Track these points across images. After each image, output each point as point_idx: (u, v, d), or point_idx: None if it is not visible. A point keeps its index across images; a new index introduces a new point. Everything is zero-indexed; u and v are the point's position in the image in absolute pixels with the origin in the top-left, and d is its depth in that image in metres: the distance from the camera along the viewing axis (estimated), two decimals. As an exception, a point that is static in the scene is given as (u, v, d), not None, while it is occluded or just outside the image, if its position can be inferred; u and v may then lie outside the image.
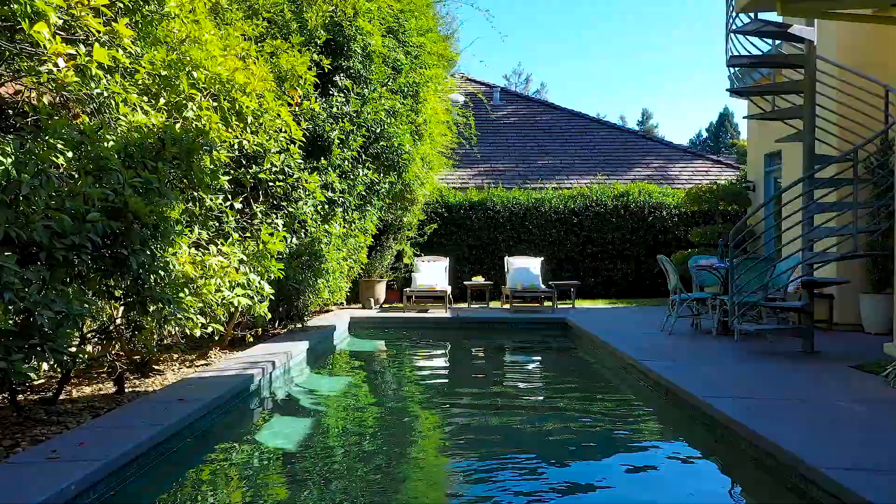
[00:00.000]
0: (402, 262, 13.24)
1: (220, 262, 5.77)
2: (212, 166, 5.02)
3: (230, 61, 5.28)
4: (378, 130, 9.45)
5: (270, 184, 7.29)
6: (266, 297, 6.54)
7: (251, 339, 7.01)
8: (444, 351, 8.83)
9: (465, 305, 12.50)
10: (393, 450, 4.27)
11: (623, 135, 18.77)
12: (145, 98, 4.68)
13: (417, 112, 10.84)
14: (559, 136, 18.59)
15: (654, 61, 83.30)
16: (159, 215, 4.17)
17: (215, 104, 5.17)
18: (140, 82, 4.68)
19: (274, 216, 7.21)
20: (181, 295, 5.22)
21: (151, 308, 4.43)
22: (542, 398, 5.73)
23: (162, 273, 4.49)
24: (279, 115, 6.49)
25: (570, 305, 12.12)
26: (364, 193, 9.83)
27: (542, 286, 11.63)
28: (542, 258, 12.65)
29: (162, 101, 4.58)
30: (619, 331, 8.10)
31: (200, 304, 5.89)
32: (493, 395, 5.86)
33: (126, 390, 5.19)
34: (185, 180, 4.76)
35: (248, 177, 7.09)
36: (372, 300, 12.02)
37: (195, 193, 5.00)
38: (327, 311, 11.42)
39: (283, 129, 6.46)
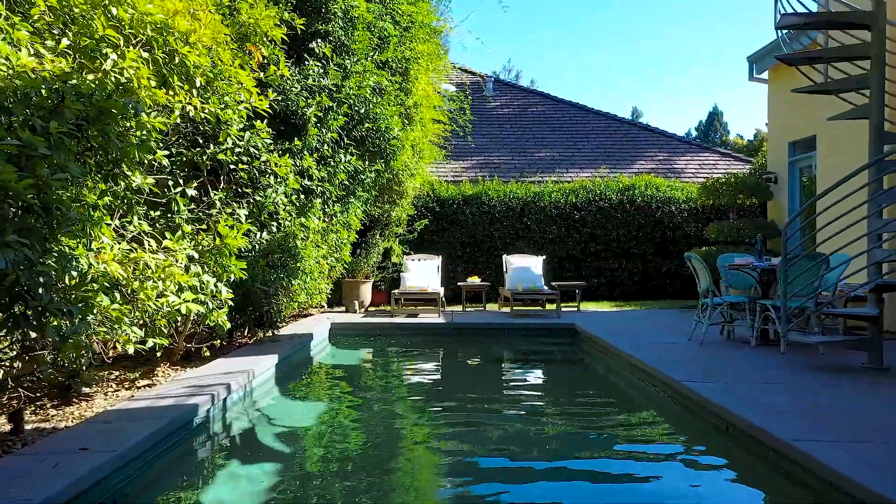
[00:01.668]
0: (389, 260, 12.08)
1: (158, 261, 4.60)
2: (141, 134, 3.84)
3: (168, 2, 4.10)
4: (363, 111, 8.28)
5: (232, 167, 6.11)
6: (224, 302, 5.38)
7: (207, 353, 5.83)
8: (439, 364, 7.67)
9: (459, 308, 11.36)
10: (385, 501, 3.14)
11: (624, 126, 17.73)
12: (47, 42, 3.50)
13: (407, 93, 9.68)
14: (557, 128, 17.53)
15: (644, 59, 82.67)
16: (52, 195, 2.99)
17: (147, 56, 3.99)
18: (38, 18, 3.49)
19: (236, 206, 6.03)
20: (104, 303, 4.06)
21: (49, 322, 3.24)
22: (565, 435, 4.58)
23: (60, 274, 3.31)
24: (241, 83, 5.32)
25: (575, 308, 11.02)
26: (347, 183, 8.67)
27: (546, 288, 10.52)
28: (544, 257, 11.55)
29: (65, 42, 3.39)
30: (638, 338, 7.01)
31: (138, 314, 4.74)
32: (504, 432, 4.73)
33: (32, 426, 4.01)
34: (101, 151, 3.57)
35: (205, 158, 5.91)
36: (356, 303, 10.84)
37: (119, 170, 3.81)
38: (306, 316, 10.24)
39: (246, 99, 5.28)
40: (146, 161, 4.28)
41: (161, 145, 4.95)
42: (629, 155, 16.23)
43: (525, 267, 10.79)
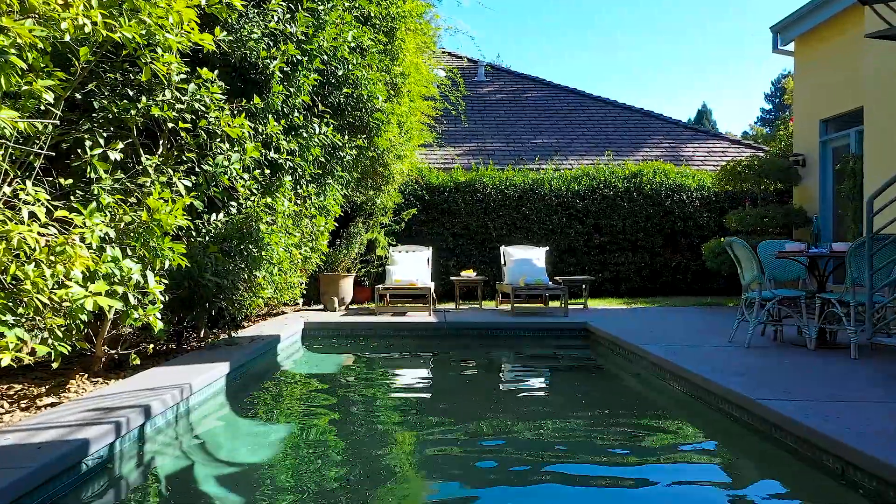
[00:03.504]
0: (374, 253, 10.86)
1: (49, 238, 3.36)
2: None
3: None
4: (340, 73, 7.04)
5: (171, 125, 4.85)
6: (153, 296, 4.14)
7: (137, 361, 4.57)
8: (432, 373, 6.42)
9: (452, 306, 10.16)
10: None
11: (625, 112, 16.62)
12: None
13: (394, 58, 8.44)
14: (554, 114, 16.39)
15: (632, 58, 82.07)
16: None
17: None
18: None
19: (176, 175, 4.78)
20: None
21: None
22: (613, 489, 3.36)
23: None
24: (179, 13, 4.07)
25: (582, 306, 9.85)
26: (323, 160, 7.43)
27: (550, 282, 9.34)
28: (547, 248, 10.38)
29: None
30: (667, 341, 5.85)
31: (22, 310, 3.50)
32: (524, 473, 3.53)
33: None
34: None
35: (135, 113, 4.66)
36: (336, 300, 9.60)
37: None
38: (278, 314, 8.99)
39: (175, 22, 4.02)
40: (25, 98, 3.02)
41: (60, 83, 3.70)
42: (631, 142, 15.12)
43: (526, 259, 9.60)
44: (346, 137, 7.63)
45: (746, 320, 5.81)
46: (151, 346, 4.60)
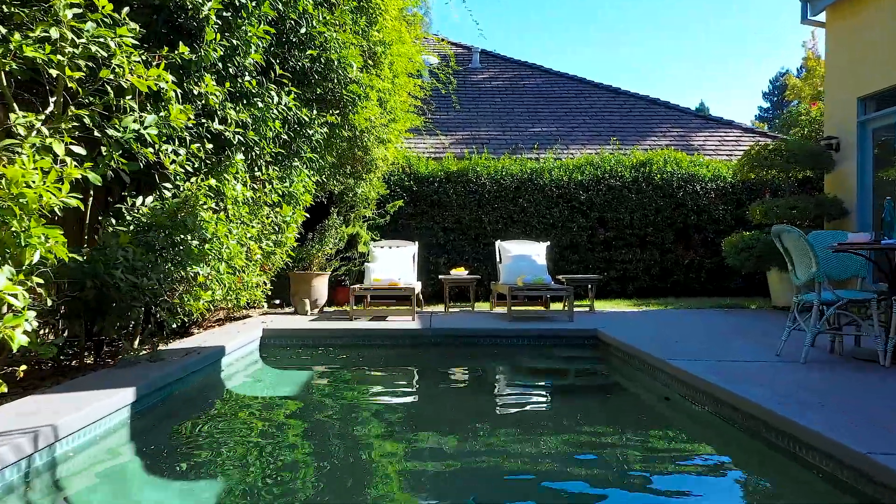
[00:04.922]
0: (356, 250, 9.70)
1: None
2: None
3: None
4: (303, 31, 5.89)
5: (55, 72, 3.67)
6: (8, 302, 2.97)
7: (3, 388, 3.40)
8: (411, 398, 5.24)
9: (441, 309, 9.00)
10: None
11: (630, 100, 15.49)
12: None
13: (371, 21, 7.29)
14: (554, 102, 15.27)
15: (634, 54, 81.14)
16: None
17: None
18: None
19: (54, 138, 3.60)
20: None
21: None
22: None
23: None
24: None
25: (588, 308, 8.71)
26: (286, 137, 6.28)
27: (553, 282, 8.20)
28: (548, 243, 9.23)
29: None
30: (700, 354, 4.70)
31: None
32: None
33: None
34: None
35: (2, 54, 3.48)
36: (307, 301, 8.42)
37: None
38: (239, 319, 7.81)
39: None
40: None
41: None
42: (637, 131, 14.01)
43: (525, 255, 8.45)
44: (315, 112, 6.48)
45: (801, 329, 4.67)
46: (23, 368, 3.42)
